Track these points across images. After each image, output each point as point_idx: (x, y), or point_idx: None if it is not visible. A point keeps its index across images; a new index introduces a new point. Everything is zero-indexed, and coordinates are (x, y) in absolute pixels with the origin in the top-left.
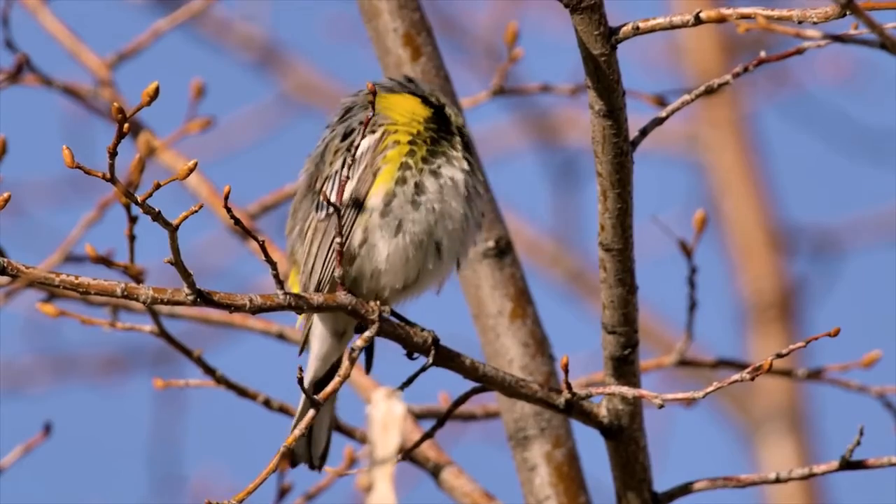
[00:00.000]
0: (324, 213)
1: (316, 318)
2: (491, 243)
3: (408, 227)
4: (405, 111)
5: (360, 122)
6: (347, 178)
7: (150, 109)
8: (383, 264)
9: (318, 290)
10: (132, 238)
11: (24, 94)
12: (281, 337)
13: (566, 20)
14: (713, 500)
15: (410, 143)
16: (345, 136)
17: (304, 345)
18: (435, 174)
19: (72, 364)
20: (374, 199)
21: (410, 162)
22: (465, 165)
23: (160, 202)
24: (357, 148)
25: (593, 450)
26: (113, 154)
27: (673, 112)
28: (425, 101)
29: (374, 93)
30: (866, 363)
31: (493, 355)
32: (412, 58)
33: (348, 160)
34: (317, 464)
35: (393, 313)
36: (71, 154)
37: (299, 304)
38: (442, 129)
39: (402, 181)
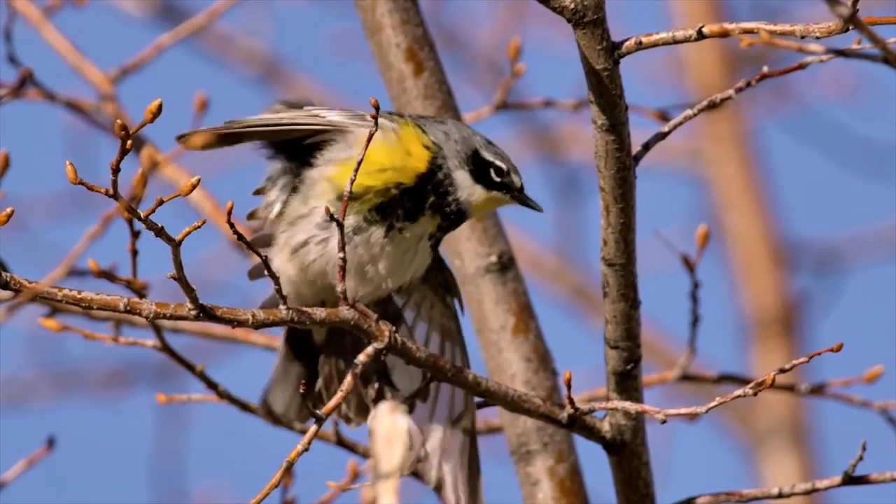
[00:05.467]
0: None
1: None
2: (493, 258)
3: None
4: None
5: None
6: (350, 192)
7: (153, 124)
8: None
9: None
10: (135, 253)
11: (27, 108)
12: None
13: (569, 35)
14: None
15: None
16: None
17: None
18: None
19: (74, 378)
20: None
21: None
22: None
23: (163, 217)
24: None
25: (596, 465)
26: (116, 170)
27: (675, 127)
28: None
29: (377, 108)
30: (869, 378)
31: (495, 370)
32: (415, 73)
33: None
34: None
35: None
36: (74, 170)
37: (302, 319)
38: (413, 200)
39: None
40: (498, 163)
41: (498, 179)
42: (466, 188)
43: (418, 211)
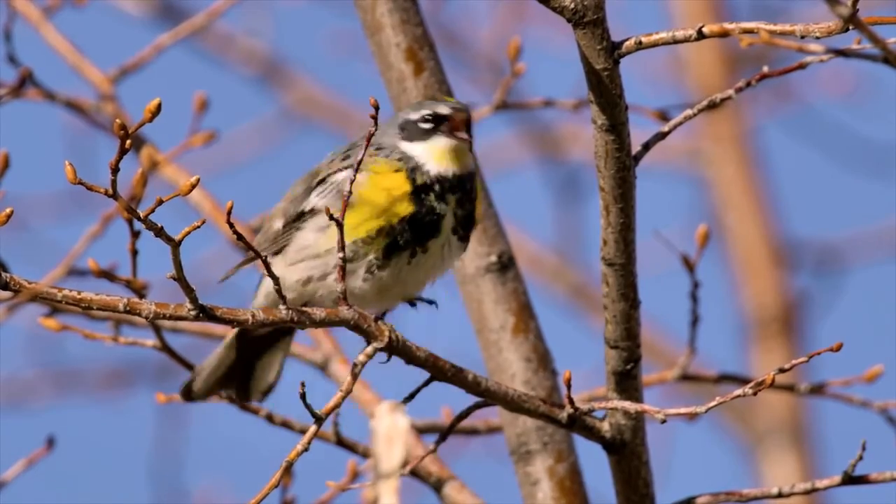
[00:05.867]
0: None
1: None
2: (493, 258)
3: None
4: (381, 199)
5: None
6: (350, 193)
7: (152, 124)
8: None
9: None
10: (135, 253)
11: (27, 108)
12: None
13: (569, 35)
14: None
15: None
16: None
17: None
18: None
19: (74, 378)
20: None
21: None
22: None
23: (162, 216)
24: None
25: (596, 464)
26: (115, 170)
27: (675, 127)
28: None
29: (377, 108)
30: (869, 378)
31: (495, 370)
32: (415, 72)
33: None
34: (257, 398)
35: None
36: (73, 170)
37: (301, 319)
38: (415, 236)
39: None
40: (422, 112)
41: (429, 126)
42: (421, 156)
43: (438, 220)
